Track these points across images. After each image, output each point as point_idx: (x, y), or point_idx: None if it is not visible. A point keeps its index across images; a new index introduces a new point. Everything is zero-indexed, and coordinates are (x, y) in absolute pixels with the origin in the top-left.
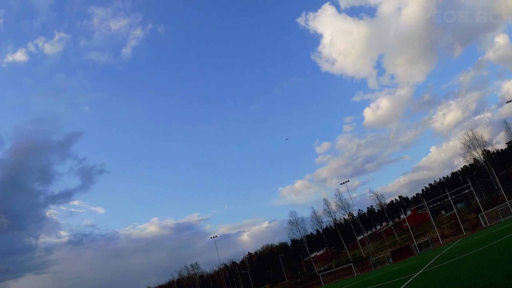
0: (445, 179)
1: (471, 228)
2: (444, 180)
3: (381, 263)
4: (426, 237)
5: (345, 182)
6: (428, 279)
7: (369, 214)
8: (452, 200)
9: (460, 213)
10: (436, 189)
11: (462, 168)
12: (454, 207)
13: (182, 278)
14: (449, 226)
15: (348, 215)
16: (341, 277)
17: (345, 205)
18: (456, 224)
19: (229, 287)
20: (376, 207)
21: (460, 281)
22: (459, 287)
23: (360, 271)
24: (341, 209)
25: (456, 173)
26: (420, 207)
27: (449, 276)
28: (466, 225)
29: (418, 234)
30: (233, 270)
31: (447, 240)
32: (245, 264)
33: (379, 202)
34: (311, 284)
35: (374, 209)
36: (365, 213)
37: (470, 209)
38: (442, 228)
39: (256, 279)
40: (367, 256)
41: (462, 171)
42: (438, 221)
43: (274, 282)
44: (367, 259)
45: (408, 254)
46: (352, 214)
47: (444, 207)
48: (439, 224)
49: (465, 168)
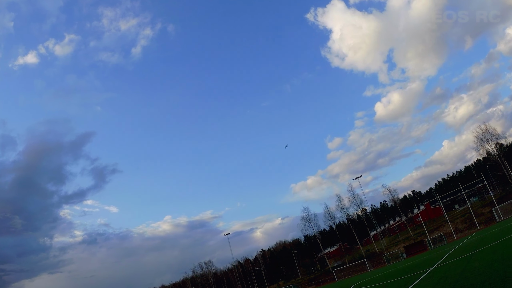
0: (458, 173)
1: (485, 222)
2: (457, 174)
3: (395, 258)
4: (439, 231)
5: (358, 177)
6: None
7: (382, 210)
8: (466, 194)
9: (473, 207)
10: (449, 184)
11: (475, 161)
12: (467, 201)
13: (195, 275)
14: (462, 220)
15: (361, 211)
16: (354, 273)
17: (358, 201)
18: (469, 219)
19: (243, 284)
20: (389, 202)
21: (475, 275)
22: (474, 282)
23: (374, 267)
24: (354, 204)
25: (469, 167)
26: (433, 202)
27: (463, 270)
28: (480, 219)
29: (431, 229)
30: (246, 267)
31: (461, 235)
32: (258, 261)
33: (392, 197)
34: (325, 280)
35: (387, 204)
36: (378, 209)
37: (483, 203)
38: (455, 222)
39: (269, 276)
40: (380, 251)
41: (475, 164)
42: (451, 215)
43: (287, 279)
44: (380, 254)
45: (421, 249)
46: (365, 210)
47: (458, 202)
48: (453, 218)
49: (478, 161)
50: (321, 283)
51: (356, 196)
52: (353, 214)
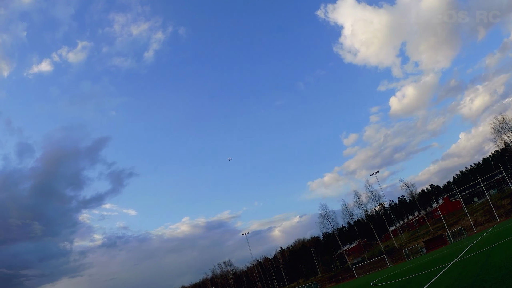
0: (476, 165)
1: (505, 214)
2: (475, 167)
3: (415, 253)
4: (459, 225)
5: (375, 173)
6: (462, 268)
7: (400, 205)
8: (485, 186)
9: (493, 199)
10: (467, 176)
11: (493, 153)
12: (486, 194)
13: (215, 276)
14: (482, 213)
15: (379, 206)
16: (374, 269)
17: (375, 196)
18: (489, 211)
19: (263, 283)
20: (407, 197)
21: (496, 269)
22: (495, 275)
23: (394, 263)
24: (372, 200)
25: (487, 158)
26: (452, 195)
27: (484, 264)
28: (499, 211)
29: (451, 223)
30: (266, 266)
31: (481, 228)
32: (277, 260)
33: (410, 191)
34: (344, 277)
35: (405, 199)
36: (396, 204)
37: (503, 194)
38: (475, 215)
39: (289, 274)
40: (400, 247)
41: (493, 156)
42: (470, 208)
43: (307, 277)
44: (400, 250)
45: (441, 244)
46: (383, 205)
47: (477, 194)
48: (472, 211)
49: (496, 153)
50: (341, 280)
51: (373, 192)
52: (372, 210)
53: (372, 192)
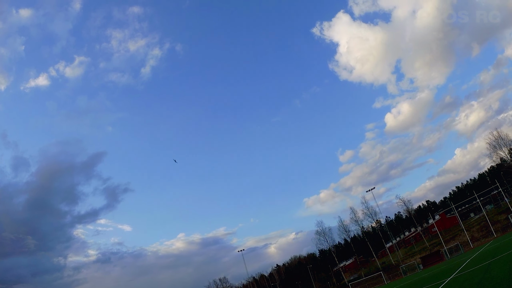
0: (472, 181)
1: (502, 229)
2: (471, 182)
3: (411, 270)
4: (456, 241)
5: (371, 189)
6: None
7: (396, 221)
8: (481, 202)
9: (489, 214)
10: (463, 192)
11: (489, 168)
12: (483, 209)
13: None
14: (479, 228)
15: (376, 223)
16: (371, 286)
17: (372, 213)
18: (486, 227)
19: None
20: (404, 213)
21: (493, 284)
22: None
23: (390, 279)
24: (368, 217)
25: (483, 174)
26: (448, 211)
27: (482, 280)
28: (496, 226)
29: (447, 239)
30: (261, 283)
31: (478, 243)
32: (273, 277)
33: (406, 208)
34: None
35: (401, 216)
36: (393, 220)
37: (499, 210)
38: (471, 231)
39: None
40: (396, 263)
41: (489, 171)
42: (467, 224)
43: None
44: (397, 266)
45: (438, 260)
46: (380, 222)
47: (473, 210)
48: (469, 227)
49: (492, 168)
50: None
51: (370, 208)
52: (368, 227)
53: (368, 208)
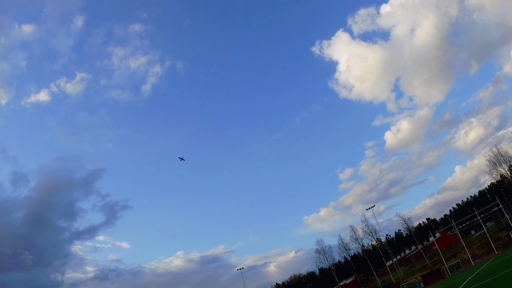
0: (473, 198)
1: (503, 246)
2: (471, 199)
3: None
4: (457, 258)
5: (371, 207)
6: None
7: (397, 239)
8: (481, 219)
9: (490, 231)
10: (464, 209)
11: (489, 185)
12: (483, 226)
13: None
14: (479, 246)
15: (376, 241)
16: None
17: (372, 231)
18: (487, 244)
19: None
20: (404, 231)
21: None
22: None
23: None
24: (368, 235)
25: (483, 191)
26: (449, 229)
27: None
28: (497, 244)
29: (448, 256)
30: None
31: (479, 261)
32: None
33: (407, 225)
34: None
35: (402, 233)
36: (393, 238)
37: (500, 227)
38: (472, 248)
39: None
40: (397, 281)
41: (489, 188)
42: (468, 241)
43: None
44: (397, 285)
45: (439, 278)
46: (380, 240)
47: (474, 227)
48: (470, 244)
49: (492, 185)
50: None
51: (370, 226)
52: (368, 245)
53: (368, 226)
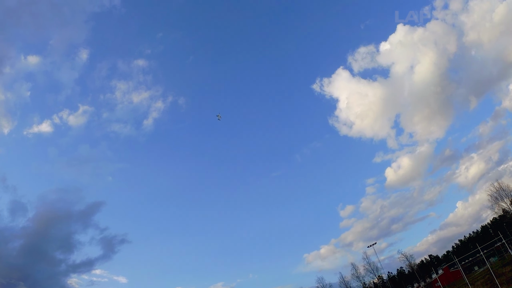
0: (475, 233)
1: (507, 282)
2: (474, 235)
3: None
4: None
5: (372, 245)
6: None
7: (399, 276)
8: (484, 254)
9: (494, 267)
10: (466, 245)
11: (492, 220)
12: (487, 262)
13: None
14: (483, 282)
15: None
16: None
17: (373, 268)
18: (490, 280)
19: None
20: (406, 268)
21: None
22: None
23: None
24: (370, 272)
25: (486, 226)
26: (452, 265)
27: None
28: (501, 279)
29: None
30: None
31: None
32: None
33: (409, 262)
34: None
35: (404, 271)
36: (395, 275)
37: (504, 262)
38: (476, 285)
39: None
40: None
41: (492, 223)
42: (471, 278)
43: None
44: None
45: None
46: (382, 277)
47: (477, 263)
48: (473, 281)
49: (494, 220)
50: None
51: (371, 264)
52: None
53: (369, 264)
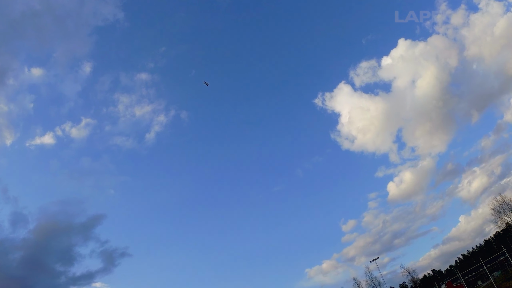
0: (478, 247)
1: None
2: (477, 249)
3: None
4: None
5: (375, 259)
6: None
7: None
8: (488, 269)
9: (497, 282)
10: (470, 259)
11: (495, 234)
12: (490, 277)
13: None
14: None
15: None
16: None
17: (376, 283)
18: None
19: None
20: (409, 283)
21: None
22: None
23: None
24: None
25: (489, 240)
26: (455, 280)
27: None
28: None
29: None
30: None
31: None
32: None
33: (412, 277)
34: None
35: (406, 286)
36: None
37: (507, 276)
38: None
39: None
40: None
41: (495, 237)
42: None
43: None
44: None
45: None
46: None
47: (480, 277)
48: None
49: (497, 234)
50: None
51: (374, 279)
52: None
53: (372, 279)
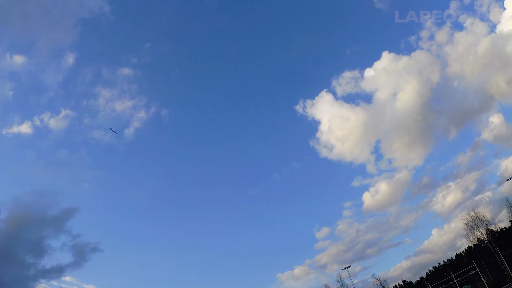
0: (449, 261)
1: None
2: (448, 262)
3: None
4: None
5: (347, 267)
6: None
7: None
8: (458, 282)
9: None
10: (440, 272)
11: (466, 249)
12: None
13: None
14: None
15: None
16: None
17: None
18: None
19: None
20: None
21: None
22: None
23: None
24: None
25: (460, 254)
26: None
27: None
28: None
29: None
30: None
31: None
32: None
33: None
34: None
35: None
36: None
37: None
38: None
39: None
40: None
41: (466, 252)
42: None
43: None
44: None
45: None
46: None
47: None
48: None
49: (469, 248)
50: None
51: (345, 287)
52: None
53: (343, 286)
